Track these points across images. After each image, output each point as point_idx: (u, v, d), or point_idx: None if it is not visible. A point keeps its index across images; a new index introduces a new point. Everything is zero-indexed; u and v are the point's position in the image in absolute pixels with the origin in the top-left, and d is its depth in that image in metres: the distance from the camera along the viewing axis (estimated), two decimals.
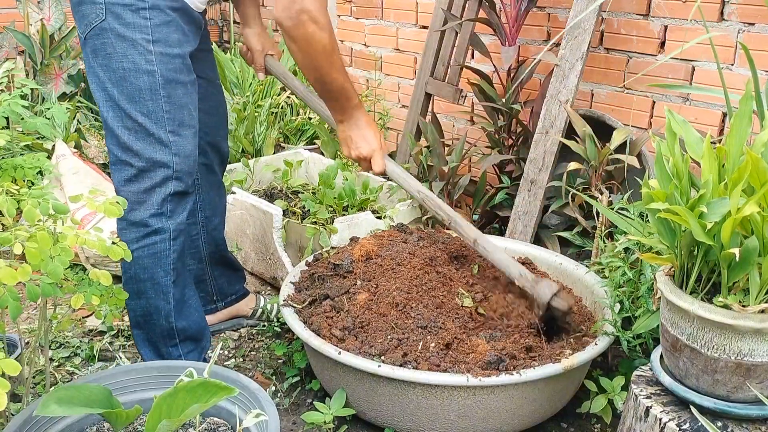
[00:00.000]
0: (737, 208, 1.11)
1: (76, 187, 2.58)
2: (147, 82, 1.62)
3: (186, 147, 1.70)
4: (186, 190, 1.73)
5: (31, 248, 1.21)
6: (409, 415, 1.64)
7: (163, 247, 1.72)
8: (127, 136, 1.65)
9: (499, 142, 2.57)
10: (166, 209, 1.70)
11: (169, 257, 1.73)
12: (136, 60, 1.61)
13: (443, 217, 1.89)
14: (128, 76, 1.62)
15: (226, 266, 2.17)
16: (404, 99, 3.29)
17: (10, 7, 3.61)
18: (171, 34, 1.64)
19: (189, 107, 1.71)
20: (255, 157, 3.06)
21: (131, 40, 1.60)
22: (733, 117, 1.22)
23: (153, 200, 1.68)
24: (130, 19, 1.59)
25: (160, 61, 1.63)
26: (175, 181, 1.69)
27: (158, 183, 1.68)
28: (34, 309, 2.32)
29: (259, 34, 2.07)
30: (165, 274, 1.74)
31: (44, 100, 3.31)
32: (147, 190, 1.67)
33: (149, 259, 1.71)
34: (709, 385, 1.23)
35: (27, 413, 1.30)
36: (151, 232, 1.69)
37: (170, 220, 1.71)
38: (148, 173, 1.67)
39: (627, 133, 2.07)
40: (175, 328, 1.79)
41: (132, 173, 1.67)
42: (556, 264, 2.10)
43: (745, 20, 2.08)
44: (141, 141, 1.65)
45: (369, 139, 1.86)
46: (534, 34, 2.66)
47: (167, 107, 1.65)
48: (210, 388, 1.20)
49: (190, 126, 1.71)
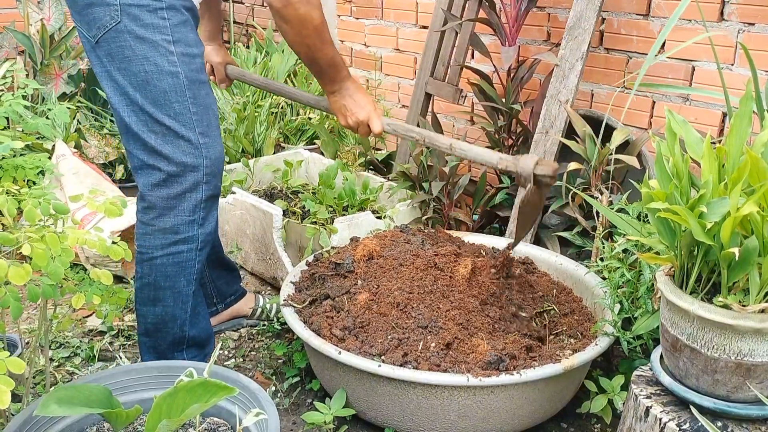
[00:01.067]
0: (737, 207, 1.11)
1: (76, 187, 2.58)
2: (172, 84, 1.59)
3: (216, 148, 1.67)
4: (216, 193, 1.70)
5: (38, 249, 1.21)
6: (409, 415, 1.64)
7: (190, 257, 1.69)
8: (154, 139, 1.60)
9: (499, 142, 2.57)
10: (198, 216, 1.67)
11: (193, 267, 1.70)
12: (158, 62, 1.57)
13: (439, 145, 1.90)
14: (151, 79, 1.58)
15: (223, 268, 2.16)
16: (404, 99, 3.30)
17: (10, 7, 3.61)
18: (188, 34, 1.62)
19: (213, 107, 1.69)
20: (255, 157, 3.06)
21: (151, 42, 1.56)
22: (733, 117, 1.22)
23: (184, 206, 1.65)
24: (149, 20, 1.56)
25: (182, 61, 1.60)
26: (206, 185, 1.66)
27: (188, 188, 1.64)
28: (35, 309, 2.32)
29: (218, 49, 2.16)
30: (187, 284, 1.71)
31: (44, 100, 3.31)
32: (177, 196, 1.63)
33: (173, 268, 1.67)
34: (709, 385, 1.23)
35: (27, 413, 1.30)
36: (179, 240, 1.66)
37: (201, 228, 1.68)
38: (178, 178, 1.63)
39: (627, 133, 2.07)
40: (186, 337, 1.77)
41: (161, 178, 1.63)
42: (556, 264, 2.10)
43: (745, 20, 2.08)
44: (170, 144, 1.61)
45: (362, 104, 1.87)
46: (534, 34, 2.66)
47: (194, 108, 1.62)
48: (210, 388, 1.20)
49: (216, 126, 1.69)
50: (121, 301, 1.64)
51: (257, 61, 3.56)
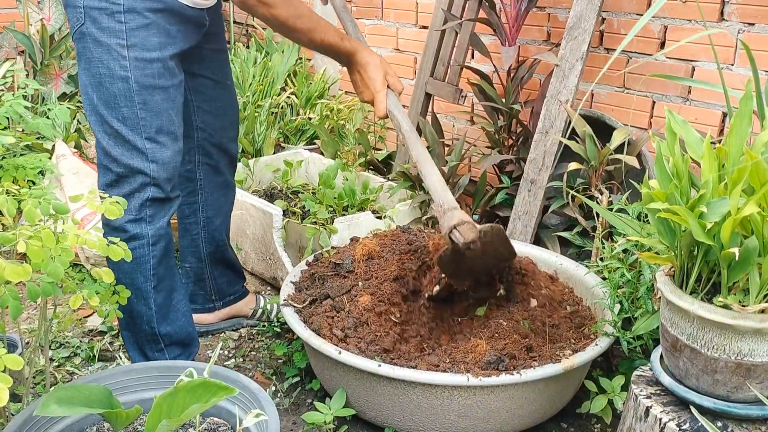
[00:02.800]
0: (737, 208, 1.11)
1: (76, 187, 2.58)
2: (121, 89, 1.61)
3: (164, 154, 1.67)
4: (166, 196, 1.71)
5: (34, 246, 1.21)
6: (409, 415, 1.64)
7: (142, 253, 1.70)
8: (106, 141, 1.65)
9: (499, 142, 2.57)
10: (144, 214, 1.69)
11: (148, 263, 1.72)
12: (110, 66, 1.59)
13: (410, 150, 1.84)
14: (104, 81, 1.61)
15: (227, 267, 2.16)
16: (404, 99, 3.29)
17: (10, 7, 3.61)
18: (149, 38, 1.60)
19: (169, 112, 1.68)
20: (255, 157, 3.06)
21: (106, 46, 1.58)
22: (733, 117, 1.22)
23: (131, 206, 1.66)
24: (106, 24, 1.57)
25: (135, 66, 1.60)
26: (154, 187, 1.68)
27: (136, 188, 1.67)
28: (34, 309, 2.32)
29: None
30: (145, 280, 1.72)
31: (44, 100, 3.31)
32: (126, 195, 1.64)
33: (128, 265, 1.67)
34: (709, 385, 1.23)
35: (27, 413, 1.30)
36: (128, 237, 1.67)
37: (149, 226, 1.70)
38: (127, 179, 1.66)
39: (627, 133, 2.07)
40: (158, 334, 1.78)
41: (112, 178, 1.67)
42: (556, 264, 2.10)
43: (745, 20, 2.08)
44: (119, 147, 1.64)
45: (369, 82, 1.83)
46: (534, 34, 2.66)
47: (143, 114, 1.63)
48: (210, 388, 1.20)
49: (169, 132, 1.68)
50: (123, 300, 1.64)
51: (257, 61, 3.56)
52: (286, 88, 3.49)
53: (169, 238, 1.76)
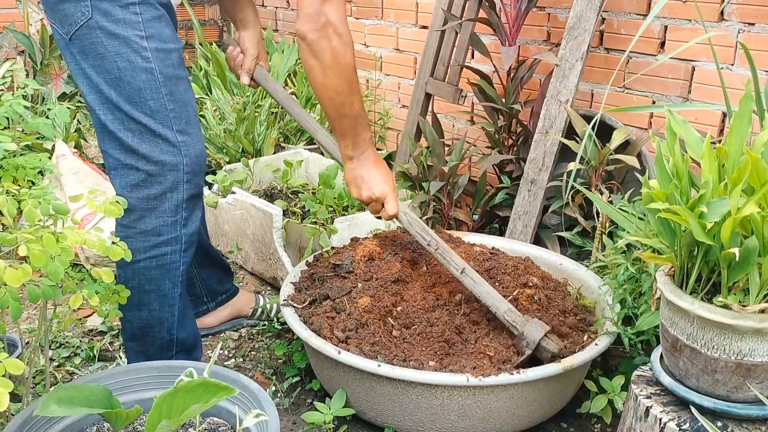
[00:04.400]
0: (737, 208, 1.11)
1: (76, 187, 2.58)
2: (146, 81, 1.54)
3: (196, 146, 1.62)
4: (199, 192, 1.67)
5: (35, 250, 1.21)
6: (409, 415, 1.64)
7: (174, 259, 1.65)
8: (131, 138, 1.56)
9: (499, 142, 2.58)
10: (180, 217, 1.63)
11: (178, 269, 1.66)
12: (131, 58, 1.53)
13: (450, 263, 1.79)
14: (125, 76, 1.53)
15: (214, 266, 2.13)
16: (404, 99, 3.29)
17: (10, 7, 3.61)
18: (163, 29, 1.57)
19: (192, 103, 1.64)
20: (255, 157, 3.06)
21: (123, 38, 1.52)
22: (733, 117, 1.22)
23: (165, 207, 1.60)
24: (120, 16, 1.52)
25: (156, 57, 1.55)
26: (187, 184, 1.62)
27: (169, 188, 1.60)
28: (34, 309, 2.32)
29: (257, 39, 1.99)
30: (173, 287, 1.67)
31: (44, 100, 3.31)
32: (158, 197, 1.59)
33: (157, 271, 1.63)
34: (709, 385, 1.23)
35: (27, 413, 1.30)
36: (162, 242, 1.62)
37: (184, 229, 1.64)
38: (158, 177, 1.58)
39: (627, 133, 2.07)
40: (175, 340, 1.74)
41: (139, 178, 1.58)
42: (556, 264, 2.10)
43: (745, 20, 2.08)
44: (147, 143, 1.57)
45: (382, 178, 1.76)
46: (534, 34, 2.66)
47: (171, 105, 1.57)
48: (210, 388, 1.20)
49: (196, 123, 1.64)
50: (123, 300, 1.64)
51: None
52: (286, 88, 3.49)
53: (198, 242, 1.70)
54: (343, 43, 1.58)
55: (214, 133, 3.18)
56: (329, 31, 1.55)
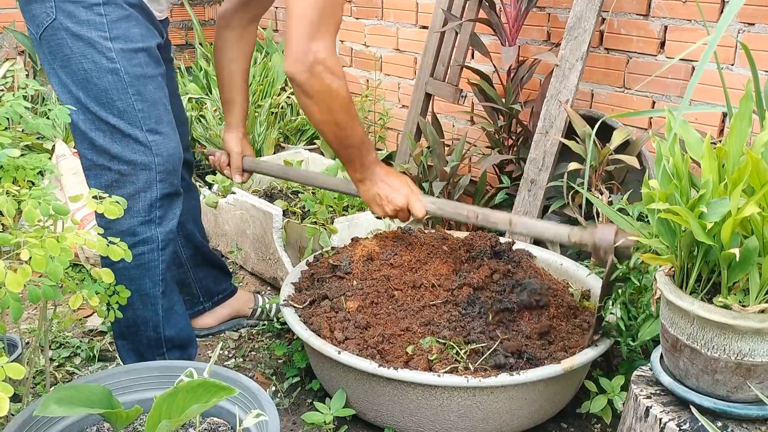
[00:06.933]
0: (737, 208, 1.11)
1: (76, 188, 2.58)
2: (112, 81, 1.54)
3: (168, 145, 1.62)
4: (174, 191, 1.66)
5: (37, 255, 1.21)
6: (409, 416, 1.64)
7: (152, 258, 1.65)
8: (102, 138, 1.56)
9: (499, 142, 2.58)
10: (155, 216, 1.62)
11: (157, 267, 1.66)
12: (96, 59, 1.52)
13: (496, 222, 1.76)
14: (90, 77, 1.53)
15: (210, 266, 2.13)
16: (404, 99, 3.30)
17: (10, 7, 3.61)
18: (131, 29, 1.55)
19: (163, 102, 1.63)
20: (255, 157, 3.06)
21: (87, 39, 1.51)
22: (733, 117, 1.22)
23: (139, 207, 1.60)
24: (84, 17, 1.51)
25: (122, 57, 1.54)
26: (160, 183, 1.62)
27: (141, 188, 1.60)
28: (34, 309, 2.32)
29: (240, 139, 2.06)
30: (153, 285, 1.67)
31: (44, 101, 3.31)
32: (131, 196, 1.58)
33: (136, 271, 1.63)
34: (709, 385, 1.23)
35: (27, 413, 1.30)
36: (138, 242, 1.61)
37: (160, 228, 1.64)
38: (130, 177, 1.59)
39: (627, 133, 2.07)
40: (163, 338, 1.75)
41: (113, 178, 1.59)
42: (556, 264, 2.10)
43: (745, 20, 2.08)
44: (118, 143, 1.57)
45: (397, 187, 1.75)
46: (534, 34, 2.66)
47: (140, 105, 1.57)
48: (210, 388, 1.20)
49: (168, 122, 1.63)
50: (123, 300, 1.64)
51: (257, 61, 3.55)
52: (286, 88, 3.49)
53: (176, 242, 1.71)
54: (335, 77, 1.56)
55: (214, 133, 3.18)
56: (319, 69, 1.52)
